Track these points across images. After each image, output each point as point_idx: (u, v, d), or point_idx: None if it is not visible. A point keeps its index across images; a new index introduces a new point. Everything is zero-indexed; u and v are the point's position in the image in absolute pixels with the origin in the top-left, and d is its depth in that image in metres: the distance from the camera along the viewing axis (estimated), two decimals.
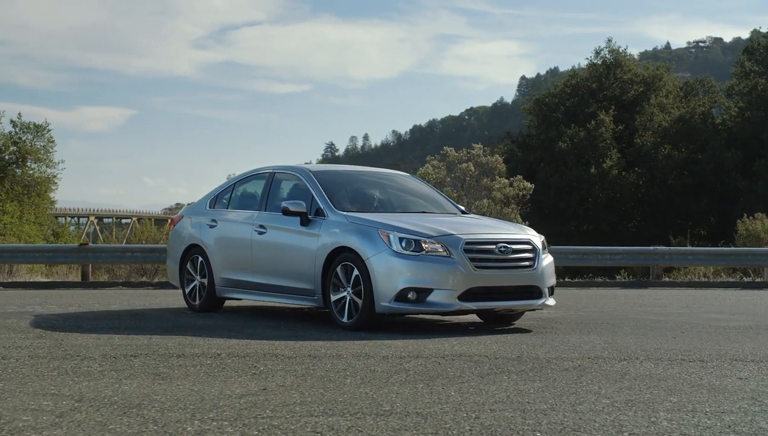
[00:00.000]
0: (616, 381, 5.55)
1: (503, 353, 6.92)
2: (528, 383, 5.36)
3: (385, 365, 6.11)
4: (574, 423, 4.20)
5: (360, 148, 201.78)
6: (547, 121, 41.42)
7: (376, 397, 4.80)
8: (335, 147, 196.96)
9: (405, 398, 4.78)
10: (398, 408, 4.47)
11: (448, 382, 5.37)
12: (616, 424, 4.22)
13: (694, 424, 4.27)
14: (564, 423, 4.19)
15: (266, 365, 6.02)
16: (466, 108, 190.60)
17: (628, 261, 20.80)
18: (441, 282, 8.75)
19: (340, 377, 5.50)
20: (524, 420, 4.23)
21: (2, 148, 46.94)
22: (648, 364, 6.40)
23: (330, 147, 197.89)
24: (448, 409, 4.45)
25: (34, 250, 20.11)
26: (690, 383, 5.55)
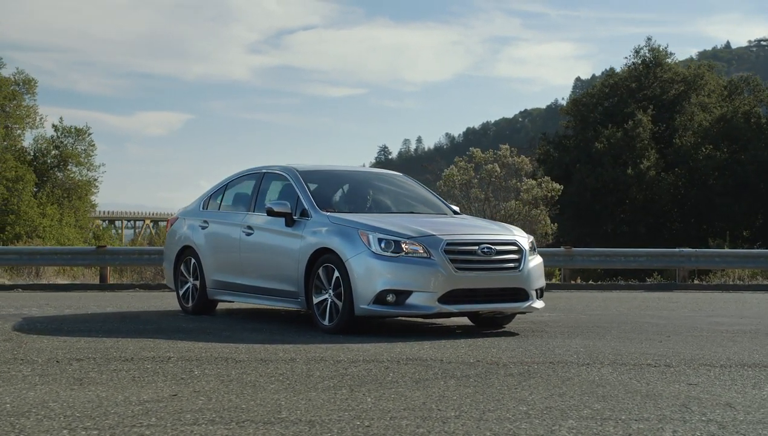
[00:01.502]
0: (554, 387, 5.31)
1: (462, 358, 6.68)
2: (459, 389, 5.13)
3: (328, 369, 5.91)
4: (465, 432, 3.98)
5: (413, 151, 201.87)
6: (585, 121, 40.83)
7: (284, 403, 4.62)
8: (388, 150, 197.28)
9: (314, 405, 4.59)
10: (294, 416, 4.27)
11: (376, 387, 5.16)
12: (510, 433, 3.98)
13: (595, 433, 4.02)
14: (455, 432, 3.97)
15: (204, 370, 5.86)
16: (520, 110, 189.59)
17: (652, 263, 20.33)
18: (420, 284, 8.52)
19: (266, 382, 5.32)
20: (416, 428, 4.02)
21: (44, 152, 47.61)
22: (606, 369, 6.12)
23: (383, 150, 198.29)
24: (347, 416, 4.25)
25: (53, 252, 20.23)
26: (631, 389, 5.30)
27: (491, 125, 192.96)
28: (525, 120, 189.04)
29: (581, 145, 38.94)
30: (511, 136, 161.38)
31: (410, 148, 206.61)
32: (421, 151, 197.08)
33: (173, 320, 10.05)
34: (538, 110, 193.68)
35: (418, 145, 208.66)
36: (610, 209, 36.97)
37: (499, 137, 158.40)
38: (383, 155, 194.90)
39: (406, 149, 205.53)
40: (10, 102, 46.65)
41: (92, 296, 15.30)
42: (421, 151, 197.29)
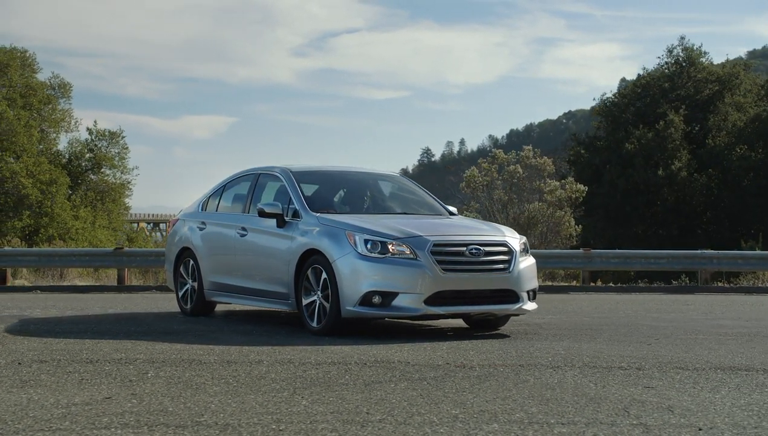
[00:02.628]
0: (504, 390, 5.20)
1: (432, 360, 6.57)
2: (405, 392, 5.03)
3: (287, 371, 5.84)
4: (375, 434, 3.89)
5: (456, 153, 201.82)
6: (616, 122, 40.38)
7: (214, 406, 4.55)
8: (431, 152, 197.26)
9: (243, 408, 4.52)
10: (214, 419, 4.21)
11: (321, 390, 5.08)
12: None
13: None
14: None
15: (159, 372, 5.81)
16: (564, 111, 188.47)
17: (673, 265, 20.00)
18: (406, 286, 8.41)
19: (213, 385, 5.26)
20: (330, 432, 3.94)
21: (78, 155, 48.11)
22: (572, 372, 5.98)
23: (426, 152, 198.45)
24: (267, 420, 4.17)
25: (71, 254, 20.38)
26: (581, 392, 5.17)
27: (535, 127, 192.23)
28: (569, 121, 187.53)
29: (612, 146, 38.48)
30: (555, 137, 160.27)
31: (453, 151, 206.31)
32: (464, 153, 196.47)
33: (167, 322, 10.03)
34: (583, 111, 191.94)
35: (461, 148, 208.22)
36: (641, 211, 36.49)
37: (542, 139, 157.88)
38: (426, 157, 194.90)
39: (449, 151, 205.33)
40: (46, 106, 47.20)
41: (104, 297, 15.37)
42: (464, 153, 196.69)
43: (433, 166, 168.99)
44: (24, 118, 43.68)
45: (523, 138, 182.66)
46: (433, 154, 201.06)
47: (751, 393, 5.31)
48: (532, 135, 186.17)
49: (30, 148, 43.20)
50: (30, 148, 43.19)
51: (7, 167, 41.31)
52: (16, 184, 40.61)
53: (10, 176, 40.83)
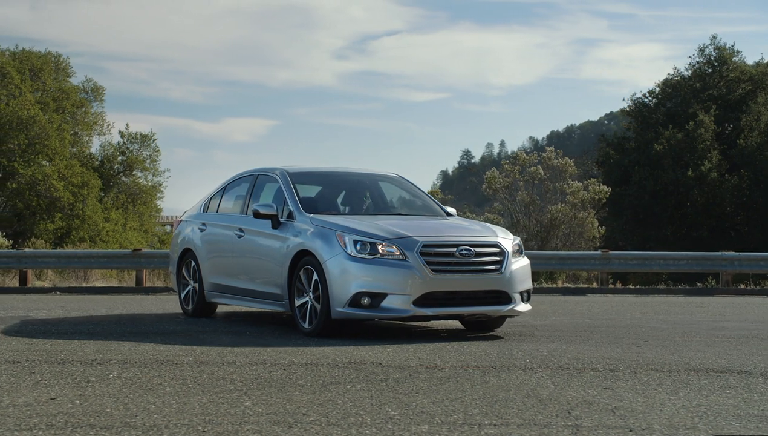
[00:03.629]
0: (459, 392, 5.15)
1: (405, 362, 6.53)
2: (357, 393, 5.01)
3: (249, 373, 5.83)
4: None
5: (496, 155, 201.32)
6: (646, 122, 39.95)
7: (152, 408, 4.55)
8: (471, 154, 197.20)
9: (180, 409, 4.53)
10: (143, 421, 4.22)
11: (273, 391, 5.07)
12: None
13: None
14: None
15: (121, 373, 5.83)
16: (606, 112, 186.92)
17: (693, 267, 19.72)
18: (395, 287, 8.36)
19: (167, 386, 5.26)
20: (253, 434, 3.88)
21: (111, 158, 48.59)
22: (540, 374, 5.91)
23: (466, 154, 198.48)
24: (196, 421, 4.17)
25: (89, 255, 20.53)
26: (535, 394, 5.12)
27: (576, 128, 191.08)
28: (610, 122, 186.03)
29: (641, 147, 38.08)
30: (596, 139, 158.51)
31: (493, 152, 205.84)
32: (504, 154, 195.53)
33: (166, 324, 10.07)
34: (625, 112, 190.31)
35: (501, 149, 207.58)
36: (670, 212, 36.04)
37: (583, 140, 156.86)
38: (466, 159, 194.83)
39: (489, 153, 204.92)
40: (79, 109, 47.73)
41: (116, 298, 15.47)
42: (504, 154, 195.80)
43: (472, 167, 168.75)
44: (56, 121, 44.19)
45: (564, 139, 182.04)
46: (473, 157, 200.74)
47: (710, 395, 5.22)
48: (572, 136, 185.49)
49: (62, 151, 43.70)
50: (62, 152, 43.68)
51: (39, 170, 41.82)
52: (48, 187, 41.09)
53: (42, 179, 41.33)
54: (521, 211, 25.52)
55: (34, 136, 42.50)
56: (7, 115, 42.09)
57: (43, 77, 46.22)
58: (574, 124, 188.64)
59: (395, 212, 10.07)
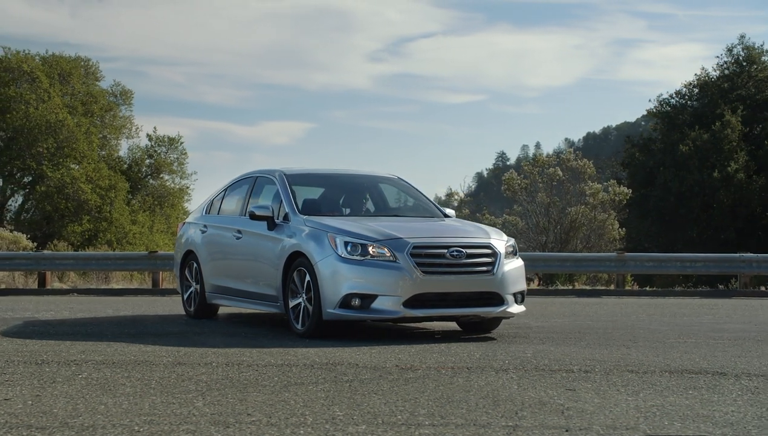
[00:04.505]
0: (418, 393, 5.15)
1: (381, 363, 6.53)
2: (313, 394, 5.02)
3: (219, 373, 5.87)
4: None
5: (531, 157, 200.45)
6: (673, 123, 39.59)
7: (102, 408, 4.58)
8: (506, 156, 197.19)
9: (127, 409, 4.56)
10: (84, 421, 4.25)
11: (232, 392, 5.09)
12: None
13: None
14: None
15: (91, 374, 5.87)
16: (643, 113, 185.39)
17: (710, 269, 19.52)
18: (385, 288, 8.36)
19: (127, 387, 5.30)
20: (184, 433, 3.90)
21: (138, 161, 49.00)
22: (512, 375, 5.88)
23: (501, 156, 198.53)
24: (137, 421, 4.20)
25: (105, 257, 20.71)
26: (494, 395, 5.10)
27: (612, 129, 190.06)
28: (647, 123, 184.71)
29: (667, 148, 37.74)
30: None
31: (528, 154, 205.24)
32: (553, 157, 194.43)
33: (164, 325, 10.13)
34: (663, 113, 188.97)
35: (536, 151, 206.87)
36: (696, 214, 35.68)
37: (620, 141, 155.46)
38: (501, 161, 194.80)
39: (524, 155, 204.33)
40: (107, 113, 48.18)
41: (131, 300, 15.58)
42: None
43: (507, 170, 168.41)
44: (85, 125, 44.62)
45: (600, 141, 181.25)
46: (508, 158, 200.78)
47: (671, 396, 5.18)
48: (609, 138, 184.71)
49: (90, 154, 44.12)
50: (90, 155, 44.11)
51: (68, 173, 42.27)
52: (76, 190, 41.51)
53: (70, 182, 41.76)
54: (541, 213, 25.39)
55: (62, 140, 42.95)
56: (36, 119, 42.58)
57: (72, 81, 46.71)
58: (610, 125, 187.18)
59: (392, 214, 10.06)
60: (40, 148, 42.71)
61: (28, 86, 43.97)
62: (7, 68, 44.07)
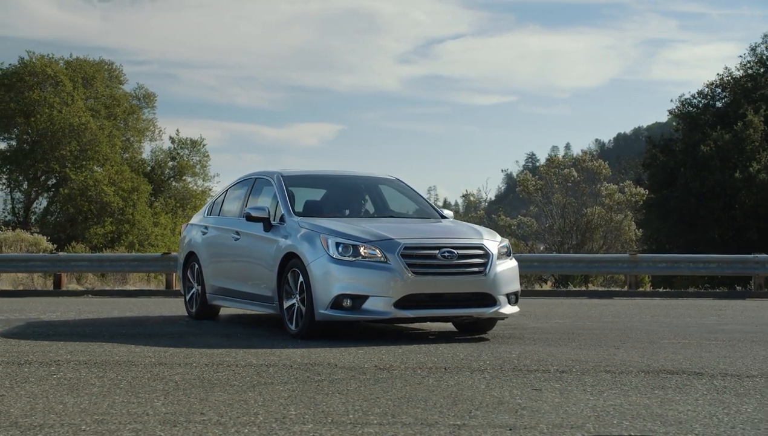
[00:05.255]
0: (382, 392, 5.18)
1: (361, 363, 6.56)
2: (275, 394, 5.05)
3: (192, 373, 5.92)
4: None
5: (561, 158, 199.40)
6: (695, 123, 39.28)
7: (60, 408, 4.62)
8: (536, 157, 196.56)
9: (85, 408, 4.60)
10: (34, 420, 4.29)
11: (196, 392, 5.14)
12: None
13: None
14: None
15: (66, 374, 5.92)
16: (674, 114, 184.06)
17: (724, 270, 19.38)
18: (376, 289, 8.38)
19: (95, 387, 5.34)
20: (126, 431, 3.94)
21: (161, 164, 49.33)
22: (485, 375, 5.89)
23: (530, 157, 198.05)
24: (87, 420, 4.25)
25: (120, 259, 20.89)
26: (456, 394, 5.13)
27: (643, 130, 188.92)
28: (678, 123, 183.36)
29: (688, 149, 37.46)
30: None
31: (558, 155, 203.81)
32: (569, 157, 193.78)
33: (164, 326, 10.20)
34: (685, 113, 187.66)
35: (566, 152, 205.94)
36: (717, 215, 35.37)
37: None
38: (530, 163, 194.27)
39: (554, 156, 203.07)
40: (130, 116, 48.56)
41: (142, 301, 15.71)
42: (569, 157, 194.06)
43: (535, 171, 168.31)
44: (107, 128, 44.99)
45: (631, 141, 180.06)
46: (538, 160, 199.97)
47: (634, 395, 5.19)
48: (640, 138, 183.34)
49: (113, 156, 44.47)
50: (113, 157, 44.46)
51: (90, 176, 42.64)
52: (99, 192, 41.86)
53: (93, 184, 42.11)
54: (557, 214, 25.29)
55: (85, 143, 43.35)
56: (59, 122, 42.99)
57: (95, 85, 47.12)
58: (641, 126, 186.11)
59: (389, 215, 10.08)
60: (64, 151, 43.13)
61: (52, 90, 44.42)
62: (32, 72, 44.54)
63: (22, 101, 43.68)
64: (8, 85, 44.39)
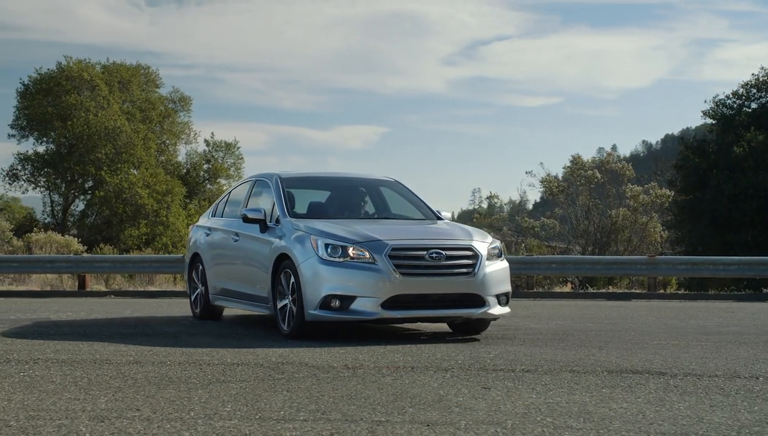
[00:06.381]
0: (333, 390, 5.26)
1: (332, 362, 6.65)
2: (223, 392, 5.16)
3: (157, 371, 6.04)
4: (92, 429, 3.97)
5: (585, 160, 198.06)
6: (729, 124, 38.85)
7: (5, 405, 4.72)
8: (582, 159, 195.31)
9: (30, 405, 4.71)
10: None
11: (148, 389, 5.25)
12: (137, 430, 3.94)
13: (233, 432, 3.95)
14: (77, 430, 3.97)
15: (35, 372, 6.05)
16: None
17: (744, 272, 19.19)
18: (364, 289, 8.47)
19: (55, 384, 5.46)
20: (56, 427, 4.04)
21: (196, 166, 49.83)
22: (447, 374, 5.94)
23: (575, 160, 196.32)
24: (23, 416, 4.33)
25: (142, 260, 21.20)
26: (403, 393, 5.19)
27: (692, 131, 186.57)
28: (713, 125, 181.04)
29: (721, 150, 37.04)
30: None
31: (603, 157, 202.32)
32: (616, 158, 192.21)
33: (166, 326, 10.34)
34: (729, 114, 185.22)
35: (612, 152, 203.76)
36: (750, 217, 34.95)
37: None
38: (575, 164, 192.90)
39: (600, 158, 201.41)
40: (165, 119, 49.11)
41: (158, 302, 15.90)
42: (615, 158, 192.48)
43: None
44: (142, 131, 45.56)
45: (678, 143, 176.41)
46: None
47: (578, 394, 5.23)
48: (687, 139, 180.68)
49: (147, 159, 45.02)
50: (147, 160, 45.01)
51: (125, 178, 43.21)
52: (134, 194, 42.40)
53: (128, 187, 42.67)
54: (582, 215, 25.18)
55: (120, 146, 43.93)
56: (95, 125, 43.62)
57: (131, 88, 47.73)
58: (690, 127, 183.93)
59: (385, 216, 10.16)
60: (99, 154, 43.74)
61: (88, 94, 45.08)
62: (69, 77, 45.26)
63: (60, 105, 44.41)
64: (46, 89, 45.16)
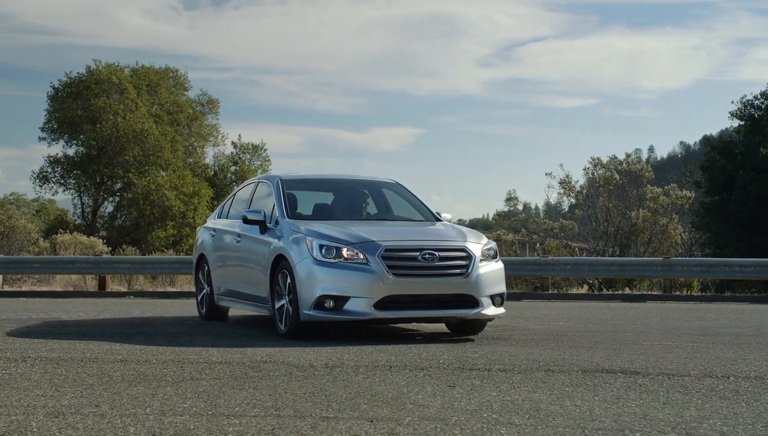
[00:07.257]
0: (303, 387, 5.35)
1: (313, 362, 6.74)
2: (190, 390, 5.25)
3: (136, 370, 6.15)
4: (61, 426, 4.10)
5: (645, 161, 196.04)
6: (757, 124, 38.50)
7: None
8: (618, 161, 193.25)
9: None
10: None
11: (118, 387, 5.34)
12: (113, 426, 4.08)
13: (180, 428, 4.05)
14: (45, 427, 4.11)
15: (17, 370, 6.17)
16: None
17: (760, 274, 19.05)
18: (357, 290, 8.57)
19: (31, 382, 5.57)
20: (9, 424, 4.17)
21: (224, 168, 50.19)
22: (421, 373, 6.02)
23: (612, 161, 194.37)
24: None
25: (160, 261, 21.45)
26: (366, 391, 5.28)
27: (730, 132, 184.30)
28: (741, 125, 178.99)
29: (748, 151, 36.73)
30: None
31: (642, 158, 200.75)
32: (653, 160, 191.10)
33: (169, 326, 10.49)
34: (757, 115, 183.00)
35: (649, 155, 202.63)
36: None
37: None
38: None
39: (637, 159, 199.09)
40: (193, 122, 49.53)
41: (171, 302, 16.08)
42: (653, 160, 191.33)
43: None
44: (170, 133, 45.99)
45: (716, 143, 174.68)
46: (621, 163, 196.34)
47: (539, 392, 5.29)
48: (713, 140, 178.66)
49: (175, 162, 45.43)
50: (175, 162, 45.42)
51: (153, 180, 43.64)
52: (161, 196, 42.82)
53: (155, 189, 43.09)
54: (601, 217, 25.11)
55: (148, 148, 44.38)
56: (124, 128, 44.11)
57: (159, 91, 48.20)
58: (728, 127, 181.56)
59: (383, 218, 10.25)
60: (128, 157, 44.22)
61: (117, 97, 45.59)
62: (98, 80, 45.79)
63: (89, 108, 44.95)
64: (76, 93, 45.74)
